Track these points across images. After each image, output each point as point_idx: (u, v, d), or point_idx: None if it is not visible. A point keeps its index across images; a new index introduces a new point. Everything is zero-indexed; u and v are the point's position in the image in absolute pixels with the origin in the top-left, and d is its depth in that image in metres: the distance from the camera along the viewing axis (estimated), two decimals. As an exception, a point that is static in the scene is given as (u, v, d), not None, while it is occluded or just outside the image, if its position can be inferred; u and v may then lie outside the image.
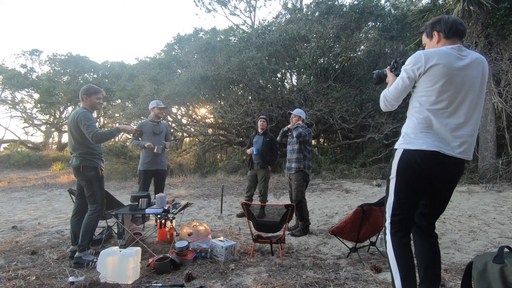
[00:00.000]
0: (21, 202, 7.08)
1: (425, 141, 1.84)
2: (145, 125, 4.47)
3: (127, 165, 11.90)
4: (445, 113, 1.84)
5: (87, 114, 3.21)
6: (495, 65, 7.95)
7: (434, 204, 2.03)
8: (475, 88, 1.86)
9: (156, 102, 4.60)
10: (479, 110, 1.92)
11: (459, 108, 1.84)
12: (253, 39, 12.34)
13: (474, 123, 1.90)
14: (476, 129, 1.94)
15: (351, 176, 9.76)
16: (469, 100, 1.85)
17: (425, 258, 2.01)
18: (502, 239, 3.76)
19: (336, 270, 2.88)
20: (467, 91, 1.84)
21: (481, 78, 1.88)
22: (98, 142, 3.20)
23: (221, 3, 19.22)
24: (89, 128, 3.12)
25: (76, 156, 3.23)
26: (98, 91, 3.36)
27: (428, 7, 9.74)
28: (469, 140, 1.89)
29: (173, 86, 11.68)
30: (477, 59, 1.88)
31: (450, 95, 1.82)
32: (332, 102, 10.08)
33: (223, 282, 2.65)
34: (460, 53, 1.87)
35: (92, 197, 3.23)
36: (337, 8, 11.52)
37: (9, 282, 2.62)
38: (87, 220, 3.20)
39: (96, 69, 22.58)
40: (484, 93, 1.94)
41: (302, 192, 4.22)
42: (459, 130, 1.85)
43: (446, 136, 1.84)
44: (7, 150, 22.13)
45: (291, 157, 4.34)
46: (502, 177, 7.62)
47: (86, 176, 3.21)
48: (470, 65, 1.84)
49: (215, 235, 3.87)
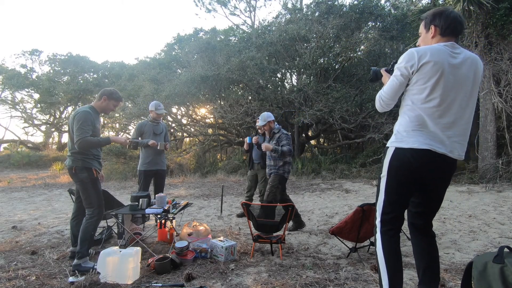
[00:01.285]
0: (21, 202, 7.08)
1: (417, 139, 1.83)
2: (145, 125, 4.45)
3: (127, 165, 11.91)
4: (437, 111, 1.83)
5: (87, 116, 3.03)
6: (495, 65, 7.95)
7: (428, 202, 2.02)
8: (467, 87, 1.85)
9: (155, 105, 4.49)
10: (471, 110, 1.91)
11: (450, 107, 1.83)
12: (253, 39, 12.35)
13: (465, 123, 1.89)
14: (467, 129, 1.92)
15: (351, 176, 9.76)
16: (460, 99, 1.84)
17: (423, 258, 2.01)
18: (502, 239, 3.76)
19: (336, 270, 2.88)
20: (458, 90, 1.83)
21: (473, 77, 1.86)
22: (82, 148, 2.99)
23: (221, 3, 19.22)
24: (80, 131, 2.95)
25: (69, 156, 3.09)
26: (120, 99, 3.30)
27: (428, 7, 9.74)
28: (459, 140, 1.88)
29: (173, 86, 11.69)
30: (469, 57, 1.86)
31: (442, 93, 1.81)
32: (332, 102, 10.08)
33: (223, 282, 2.65)
34: (453, 50, 1.85)
35: (87, 200, 3.05)
36: (337, 8, 11.52)
37: (9, 282, 2.62)
38: (85, 225, 3.01)
39: (96, 69, 22.59)
40: (476, 93, 1.93)
41: (275, 194, 4.12)
42: (449, 129, 1.84)
43: (438, 135, 1.83)
44: (7, 150, 22.14)
45: (270, 163, 4.27)
46: (502, 177, 7.62)
47: (79, 177, 3.04)
48: (462, 63, 1.83)
49: (215, 235, 3.87)
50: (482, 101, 8.24)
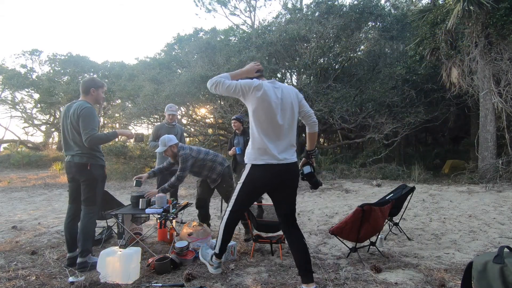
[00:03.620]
0: (21, 202, 7.08)
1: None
2: (161, 127, 4.66)
3: (127, 165, 11.90)
4: None
5: (93, 111, 2.98)
6: (495, 65, 7.95)
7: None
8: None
9: (168, 107, 4.78)
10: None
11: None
12: (253, 39, 12.34)
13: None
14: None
15: (351, 176, 9.76)
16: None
17: (297, 255, 2.33)
18: (502, 239, 3.76)
19: (336, 270, 2.88)
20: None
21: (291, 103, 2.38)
22: (91, 145, 2.95)
23: (221, 3, 19.22)
24: (88, 129, 2.90)
25: (81, 154, 2.98)
26: (103, 84, 3.20)
27: (428, 7, 9.75)
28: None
29: (173, 86, 11.69)
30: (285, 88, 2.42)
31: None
32: (332, 102, 10.07)
33: (223, 282, 2.64)
34: (274, 85, 2.35)
35: (92, 197, 3.02)
36: (337, 8, 11.52)
37: (9, 282, 2.62)
38: (87, 224, 2.98)
39: (96, 69, 22.59)
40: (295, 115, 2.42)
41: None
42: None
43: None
44: (7, 150, 22.14)
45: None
46: (502, 177, 7.62)
47: (93, 174, 3.00)
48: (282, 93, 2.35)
49: (215, 235, 3.86)
50: (482, 101, 8.24)
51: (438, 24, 8.61)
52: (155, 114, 14.53)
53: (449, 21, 7.77)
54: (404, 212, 4.13)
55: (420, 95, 10.62)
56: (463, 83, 8.56)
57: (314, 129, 2.54)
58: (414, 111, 10.29)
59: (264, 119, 2.28)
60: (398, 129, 10.47)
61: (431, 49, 8.91)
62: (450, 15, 7.71)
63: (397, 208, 3.90)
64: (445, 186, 7.57)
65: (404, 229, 4.10)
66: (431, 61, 9.31)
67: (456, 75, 8.60)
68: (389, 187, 7.36)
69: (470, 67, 8.41)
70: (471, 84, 8.53)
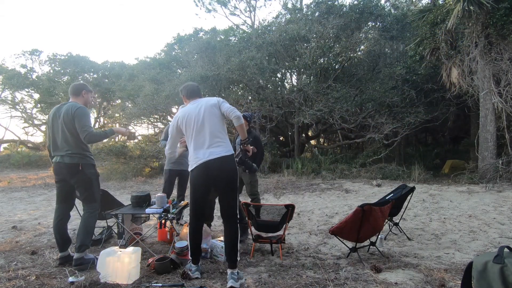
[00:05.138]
0: (21, 202, 7.08)
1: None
2: None
3: (127, 165, 11.88)
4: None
5: (87, 111, 3.12)
6: (495, 65, 7.95)
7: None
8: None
9: (180, 107, 4.76)
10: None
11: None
12: (253, 39, 12.33)
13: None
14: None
15: (351, 176, 9.75)
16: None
17: (226, 239, 2.77)
18: (502, 239, 3.76)
19: (336, 270, 2.88)
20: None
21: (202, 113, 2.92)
22: (90, 142, 3.07)
23: (221, 3, 19.19)
24: (85, 127, 3.00)
25: (71, 154, 3.01)
26: (92, 91, 3.41)
27: (428, 7, 9.75)
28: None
29: (173, 86, 11.67)
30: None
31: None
32: (332, 102, 10.07)
33: (223, 282, 2.64)
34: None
35: (91, 196, 3.09)
36: (337, 8, 11.52)
37: (9, 282, 2.62)
38: (88, 220, 3.05)
39: (96, 69, 22.56)
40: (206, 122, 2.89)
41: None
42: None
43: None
44: (7, 150, 22.12)
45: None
46: (502, 177, 7.61)
47: (87, 174, 3.06)
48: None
49: (215, 235, 3.86)
50: (482, 101, 8.24)
51: (438, 24, 8.61)
52: (155, 114, 14.53)
53: (449, 21, 7.76)
54: (404, 212, 4.13)
55: (420, 95, 10.61)
56: (463, 83, 8.55)
57: (238, 122, 2.83)
58: (414, 111, 10.28)
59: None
60: (398, 129, 10.46)
61: (431, 49, 8.91)
62: (450, 15, 7.71)
63: (397, 208, 3.90)
64: (445, 186, 7.57)
65: (404, 229, 4.10)
66: (431, 61, 9.31)
67: (456, 75, 8.60)
68: (389, 187, 7.36)
69: (470, 67, 8.41)
70: (471, 84, 8.52)
